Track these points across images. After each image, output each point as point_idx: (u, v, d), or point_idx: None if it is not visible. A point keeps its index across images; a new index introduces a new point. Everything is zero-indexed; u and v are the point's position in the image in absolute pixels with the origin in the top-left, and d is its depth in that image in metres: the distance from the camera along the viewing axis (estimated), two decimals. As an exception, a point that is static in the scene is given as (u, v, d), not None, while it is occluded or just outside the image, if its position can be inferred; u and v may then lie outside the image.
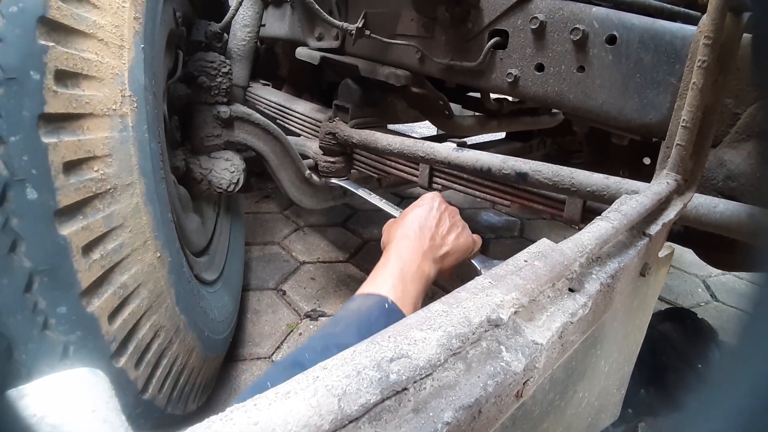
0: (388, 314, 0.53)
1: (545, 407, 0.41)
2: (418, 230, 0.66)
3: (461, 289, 0.35)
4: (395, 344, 0.27)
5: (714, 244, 0.88)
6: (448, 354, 0.28)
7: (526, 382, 0.31)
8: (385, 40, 1.10)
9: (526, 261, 0.39)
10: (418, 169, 1.16)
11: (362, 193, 1.17)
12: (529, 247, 0.42)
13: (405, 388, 0.25)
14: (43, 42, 0.59)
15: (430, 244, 0.65)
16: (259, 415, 0.22)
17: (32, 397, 0.23)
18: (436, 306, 0.32)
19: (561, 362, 0.39)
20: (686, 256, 1.88)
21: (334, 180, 1.26)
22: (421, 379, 0.26)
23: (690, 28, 0.75)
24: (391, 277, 0.58)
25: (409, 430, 0.24)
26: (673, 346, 0.72)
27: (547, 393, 0.41)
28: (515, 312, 0.33)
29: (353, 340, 0.46)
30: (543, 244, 0.42)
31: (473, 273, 0.65)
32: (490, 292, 0.34)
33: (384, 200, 1.07)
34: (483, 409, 0.27)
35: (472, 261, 0.75)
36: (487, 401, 0.27)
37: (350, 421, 0.23)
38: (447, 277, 0.70)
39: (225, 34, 1.16)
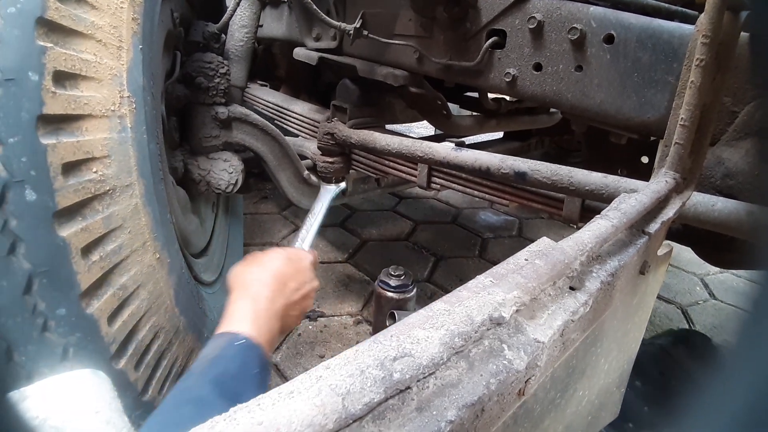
0: (244, 350, 0.51)
1: (546, 405, 0.41)
2: (274, 278, 0.64)
3: (462, 288, 0.35)
4: (398, 343, 0.27)
5: (712, 242, 0.89)
6: (451, 352, 0.28)
7: (528, 380, 0.31)
8: (383, 40, 1.10)
9: (527, 260, 0.39)
10: (416, 169, 1.16)
11: (313, 214, 1.06)
12: (530, 245, 0.42)
13: (408, 387, 0.25)
14: (41, 43, 0.59)
15: (282, 297, 0.62)
16: (263, 414, 0.22)
17: (35, 398, 0.23)
18: (438, 305, 0.32)
19: (562, 360, 0.39)
20: (684, 254, 1.88)
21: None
22: (425, 377, 0.26)
23: (688, 27, 0.75)
24: (242, 315, 0.56)
25: (413, 429, 0.24)
26: (684, 370, 0.71)
27: (549, 391, 0.41)
28: (517, 310, 0.33)
29: (207, 390, 0.44)
30: (543, 242, 0.43)
31: None
32: (491, 290, 0.34)
33: (313, 231, 0.99)
34: (486, 407, 0.27)
35: None
36: (489, 399, 0.27)
37: (354, 420, 0.23)
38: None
39: (223, 35, 1.16)
